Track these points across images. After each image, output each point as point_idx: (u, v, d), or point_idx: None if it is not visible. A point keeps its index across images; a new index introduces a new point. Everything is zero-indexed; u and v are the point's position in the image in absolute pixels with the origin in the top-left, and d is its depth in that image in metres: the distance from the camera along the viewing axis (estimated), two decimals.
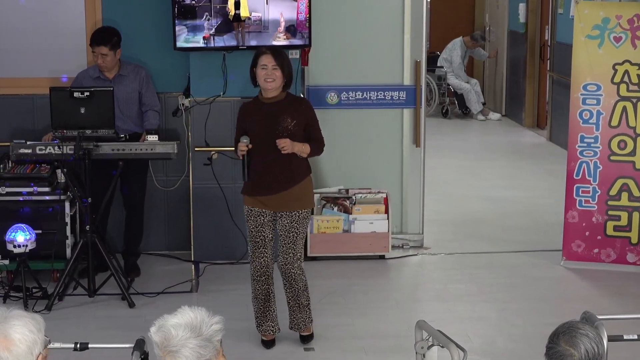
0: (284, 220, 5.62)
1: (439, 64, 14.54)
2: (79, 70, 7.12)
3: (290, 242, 5.63)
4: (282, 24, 6.97)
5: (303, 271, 5.71)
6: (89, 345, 4.08)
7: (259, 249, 5.64)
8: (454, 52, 14.44)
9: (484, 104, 14.49)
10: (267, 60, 5.54)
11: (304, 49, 7.17)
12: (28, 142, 6.52)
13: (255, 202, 5.64)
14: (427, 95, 13.66)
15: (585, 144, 7.16)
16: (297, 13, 6.98)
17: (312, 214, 6.91)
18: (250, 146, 5.55)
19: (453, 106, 14.74)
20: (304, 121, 5.61)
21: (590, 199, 7.19)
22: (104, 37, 6.86)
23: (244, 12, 6.94)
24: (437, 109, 14.50)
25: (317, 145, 5.68)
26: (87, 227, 6.45)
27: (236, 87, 7.16)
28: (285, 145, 5.51)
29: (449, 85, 14.47)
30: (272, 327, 5.76)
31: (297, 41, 7.01)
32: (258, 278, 5.66)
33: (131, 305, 6.40)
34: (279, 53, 5.62)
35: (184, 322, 2.77)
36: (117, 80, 6.94)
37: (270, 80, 5.53)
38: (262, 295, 5.69)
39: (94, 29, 7.04)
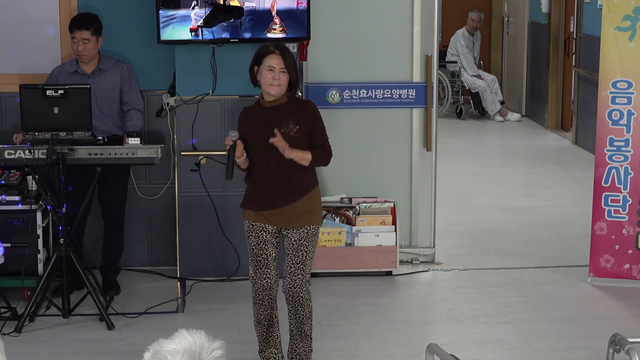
0: (292, 238, 5.59)
1: (447, 59, 14.57)
2: (52, 65, 7.14)
3: (299, 262, 5.61)
4: (274, 14, 6.99)
5: (310, 296, 5.70)
6: None
7: (262, 268, 5.60)
8: (457, 43, 14.50)
9: (502, 103, 14.52)
10: (275, 62, 5.47)
11: (303, 42, 7.20)
12: None
13: (257, 216, 5.59)
14: (439, 93, 13.70)
15: (615, 148, 7.19)
16: (297, 3, 7.01)
17: None
18: (236, 141, 5.44)
19: (468, 106, 14.78)
20: (308, 126, 5.54)
21: (621, 209, 7.21)
22: (86, 20, 6.90)
23: (234, 2, 6.97)
24: (450, 109, 14.54)
25: (321, 154, 5.59)
26: (61, 240, 6.47)
27: (227, 85, 7.19)
28: (279, 143, 5.40)
29: (463, 82, 14.51)
30: (275, 355, 5.74)
31: (294, 34, 7.04)
32: (260, 302, 5.64)
33: (110, 326, 6.42)
34: (287, 53, 5.53)
35: (182, 348, 2.77)
36: (96, 75, 6.98)
37: (276, 84, 5.49)
38: (265, 320, 5.67)
39: (69, 19, 7.06)
